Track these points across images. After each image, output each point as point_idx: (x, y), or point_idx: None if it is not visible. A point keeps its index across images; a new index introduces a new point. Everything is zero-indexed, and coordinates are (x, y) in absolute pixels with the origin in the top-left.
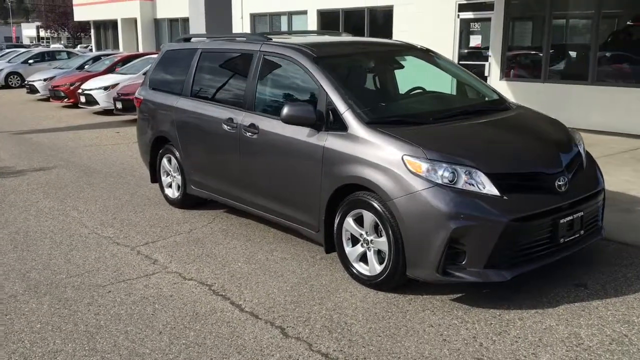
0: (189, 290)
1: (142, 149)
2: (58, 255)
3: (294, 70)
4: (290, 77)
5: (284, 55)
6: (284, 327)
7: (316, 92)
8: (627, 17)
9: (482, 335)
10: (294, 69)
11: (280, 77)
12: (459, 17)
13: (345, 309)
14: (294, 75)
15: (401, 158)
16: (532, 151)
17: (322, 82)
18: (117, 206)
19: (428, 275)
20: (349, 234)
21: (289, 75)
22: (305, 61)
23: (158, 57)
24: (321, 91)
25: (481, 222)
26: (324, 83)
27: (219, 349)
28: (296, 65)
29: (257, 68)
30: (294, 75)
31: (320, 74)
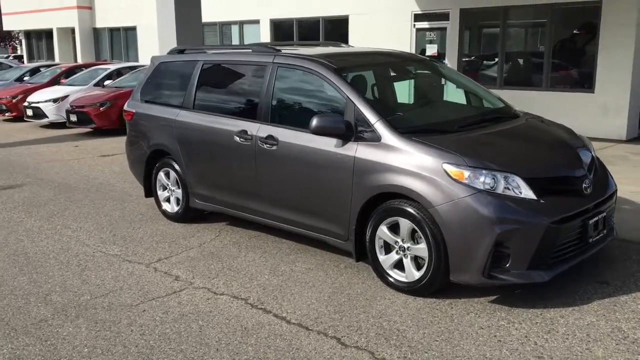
0: (226, 305)
1: (134, 163)
2: (71, 276)
3: (314, 82)
4: (310, 88)
5: (302, 66)
6: (339, 337)
7: (340, 103)
8: (574, 25)
9: (533, 334)
10: (313, 80)
11: (299, 89)
12: (415, 26)
13: (391, 316)
14: (313, 86)
15: (441, 166)
16: (558, 156)
17: (349, 93)
18: (111, 223)
19: (473, 279)
20: (382, 241)
21: (308, 86)
22: (327, 73)
23: (149, 69)
24: (348, 102)
25: (524, 225)
26: (351, 94)
27: None
28: (316, 76)
29: (271, 80)
30: (314, 87)
31: (346, 85)
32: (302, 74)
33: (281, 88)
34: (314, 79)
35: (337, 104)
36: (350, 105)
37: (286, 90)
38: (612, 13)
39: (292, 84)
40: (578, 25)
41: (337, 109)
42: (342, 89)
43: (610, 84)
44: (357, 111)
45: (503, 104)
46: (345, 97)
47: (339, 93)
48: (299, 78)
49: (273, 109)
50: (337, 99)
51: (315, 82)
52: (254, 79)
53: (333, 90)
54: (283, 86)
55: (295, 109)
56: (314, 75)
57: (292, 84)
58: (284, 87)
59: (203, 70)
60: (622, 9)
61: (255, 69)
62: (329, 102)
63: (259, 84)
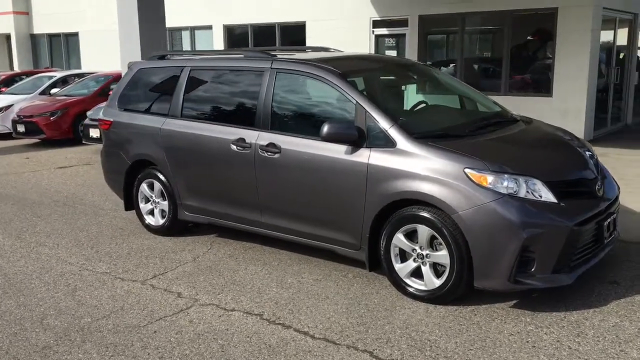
0: (241, 321)
1: (112, 174)
2: (63, 297)
3: (317, 87)
4: (313, 94)
5: (305, 72)
6: (370, 351)
7: (348, 108)
8: (531, 32)
9: (564, 338)
10: (316, 86)
11: (301, 95)
12: (374, 33)
13: (417, 326)
14: (316, 92)
15: (463, 171)
16: (570, 159)
17: (358, 98)
18: (90, 238)
19: (499, 284)
20: (397, 250)
21: (311, 92)
22: (332, 78)
23: (127, 76)
24: (358, 108)
25: (549, 229)
26: (361, 100)
27: None
28: (321, 82)
29: (270, 86)
30: (317, 92)
31: (354, 91)
32: (304, 80)
33: (281, 94)
34: (317, 84)
35: (345, 109)
36: (360, 110)
37: (287, 97)
38: (568, 20)
39: (294, 90)
40: (535, 32)
41: (345, 114)
42: (351, 95)
43: (568, 88)
44: (368, 117)
45: (499, 107)
46: (354, 102)
47: (347, 99)
48: (300, 84)
49: (273, 116)
50: (344, 105)
51: (319, 87)
52: (250, 85)
53: (340, 95)
54: (283, 92)
55: (299, 116)
56: (318, 80)
57: (294, 90)
58: (285, 93)
59: (191, 76)
60: (576, 16)
61: (250, 75)
62: (336, 108)
63: (256, 90)
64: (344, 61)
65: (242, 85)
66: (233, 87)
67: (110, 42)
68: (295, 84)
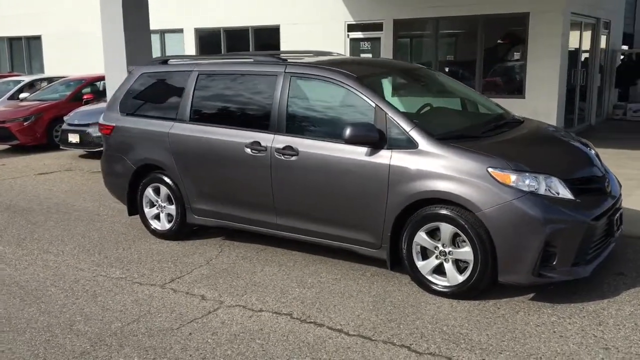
0: (273, 321)
1: (113, 180)
2: (85, 303)
3: (333, 91)
4: (328, 97)
5: (321, 76)
6: (407, 345)
7: (366, 111)
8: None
9: (588, 327)
10: (332, 89)
11: (316, 98)
12: (348, 36)
13: (447, 320)
14: (332, 95)
15: (486, 170)
16: (579, 157)
17: (377, 101)
18: (94, 244)
19: (523, 278)
20: (419, 247)
21: (327, 95)
22: (350, 81)
23: (128, 80)
24: (378, 110)
25: (569, 224)
26: (380, 102)
27: None
28: (337, 85)
29: (284, 90)
30: (333, 96)
31: (373, 94)
32: (319, 84)
33: (297, 98)
34: (333, 87)
35: (362, 112)
36: (380, 113)
37: (303, 100)
38: (539, 24)
39: (309, 94)
40: (507, 35)
41: (363, 117)
42: (370, 98)
43: (540, 90)
44: (388, 119)
45: (501, 109)
46: (373, 105)
47: (366, 101)
48: (315, 87)
49: (289, 119)
50: (362, 107)
51: (334, 91)
52: (263, 89)
53: (357, 98)
54: (299, 96)
55: (315, 119)
56: (334, 84)
57: (309, 94)
58: (300, 97)
59: (199, 80)
60: (547, 20)
61: (263, 79)
62: (353, 111)
63: (269, 94)
64: (355, 65)
65: (255, 89)
66: (245, 91)
67: (76, 45)
68: (310, 87)
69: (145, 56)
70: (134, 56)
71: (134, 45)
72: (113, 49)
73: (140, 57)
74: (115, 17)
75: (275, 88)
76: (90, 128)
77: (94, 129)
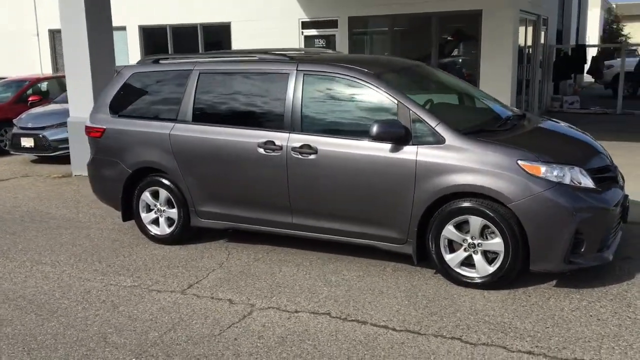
0: (313, 321)
1: (106, 185)
2: (108, 313)
3: (349, 88)
4: (345, 95)
5: (335, 73)
6: (458, 337)
7: (388, 107)
8: (457, 33)
9: (619, 309)
10: (348, 87)
11: (332, 96)
12: (303, 34)
13: (486, 311)
14: (349, 92)
15: (516, 163)
16: (590, 148)
17: (400, 98)
18: (90, 253)
19: (555, 266)
20: (446, 241)
21: (343, 93)
22: (368, 78)
23: (117, 81)
24: (401, 107)
25: (595, 212)
26: (402, 99)
27: None
28: (354, 82)
29: (298, 88)
30: (350, 93)
31: (395, 91)
32: (333, 81)
33: (311, 96)
34: (349, 85)
35: (383, 109)
36: (403, 109)
37: (318, 98)
38: (491, 23)
39: (324, 92)
40: (461, 32)
41: (384, 114)
42: (391, 94)
43: (493, 85)
44: (413, 115)
45: (502, 103)
46: (395, 102)
47: (387, 98)
48: (330, 85)
49: (305, 118)
50: (382, 104)
51: (350, 88)
52: (273, 88)
53: (377, 95)
54: (313, 94)
55: (333, 117)
56: (351, 81)
57: (324, 92)
58: (315, 95)
59: (201, 80)
60: (499, 17)
61: (273, 78)
62: (373, 108)
63: (281, 92)
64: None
65: (264, 88)
66: (253, 90)
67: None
68: (324, 85)
69: (108, 57)
70: (97, 54)
71: (97, 42)
72: (75, 49)
73: (104, 58)
74: (76, 17)
75: (287, 86)
76: (46, 131)
77: (50, 132)
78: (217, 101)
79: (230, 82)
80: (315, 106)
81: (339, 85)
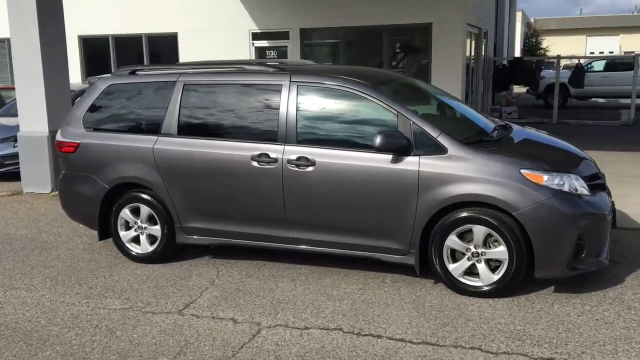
0: (327, 338)
1: (80, 202)
2: (107, 340)
3: (345, 99)
4: (341, 106)
5: (331, 84)
6: (478, 347)
7: (387, 118)
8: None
9: (622, 312)
10: (344, 98)
11: (328, 108)
12: (253, 45)
13: (496, 319)
14: (345, 104)
15: (519, 172)
16: (579, 156)
17: (399, 109)
18: (66, 275)
19: (558, 272)
20: (449, 250)
21: (339, 105)
22: (366, 90)
23: (92, 93)
24: (401, 118)
25: (594, 218)
26: (402, 110)
27: None
28: (350, 93)
29: (292, 100)
30: (346, 105)
31: (392, 101)
32: (328, 93)
33: (306, 108)
34: (345, 96)
35: (382, 119)
36: (404, 120)
37: (313, 110)
38: (441, 35)
39: (320, 103)
40: (412, 44)
41: (382, 124)
42: (390, 105)
43: None
44: (414, 126)
45: (480, 114)
46: (395, 113)
47: (386, 109)
48: (326, 97)
49: (300, 130)
50: (381, 115)
51: (347, 99)
52: (265, 99)
53: (375, 106)
54: (308, 106)
55: (330, 128)
56: (348, 92)
57: (320, 103)
58: (310, 106)
59: (186, 92)
60: (449, 30)
61: (264, 90)
62: (371, 119)
63: (274, 104)
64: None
65: (255, 100)
66: (242, 102)
67: None
68: (319, 96)
69: (62, 68)
70: (51, 63)
71: (50, 56)
72: (26, 60)
73: (58, 69)
74: (28, 26)
75: (280, 98)
76: None
77: None
78: (205, 113)
79: (218, 94)
80: (310, 118)
81: (334, 97)
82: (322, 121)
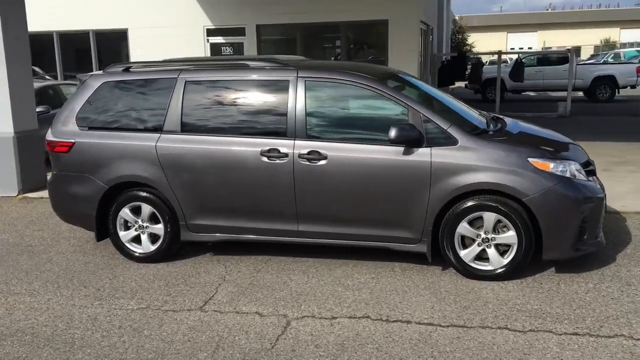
0: (357, 326)
1: (75, 203)
2: (137, 340)
3: (353, 93)
4: (349, 100)
5: (339, 79)
6: (504, 327)
7: (397, 111)
8: (366, 40)
9: (623, 288)
10: (351, 92)
11: (337, 102)
12: (208, 41)
13: (513, 300)
14: (353, 98)
15: (526, 160)
16: (571, 145)
17: (409, 102)
18: (68, 278)
19: (565, 254)
20: (459, 237)
21: (347, 98)
22: (374, 83)
23: (85, 91)
24: (411, 110)
25: (595, 202)
26: (411, 103)
27: (511, 355)
28: (358, 87)
29: (301, 95)
30: (354, 98)
31: (401, 95)
32: (336, 87)
33: (315, 103)
34: (353, 90)
35: (391, 112)
36: (414, 113)
37: (322, 105)
38: (397, 30)
39: (328, 98)
40: (370, 40)
41: (392, 117)
42: (400, 99)
43: None
44: (424, 118)
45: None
46: (404, 106)
47: (395, 102)
48: (334, 91)
49: (309, 125)
50: (390, 108)
51: (354, 93)
52: (272, 95)
53: (384, 100)
54: (317, 101)
55: (339, 122)
56: (355, 86)
57: (328, 98)
58: (318, 101)
59: (188, 89)
60: (404, 26)
61: (270, 86)
62: (380, 112)
63: (282, 100)
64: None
65: (261, 96)
66: (248, 98)
67: None
68: (327, 91)
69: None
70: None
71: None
72: None
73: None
74: None
75: (288, 94)
76: None
77: None
78: (209, 110)
79: (222, 90)
80: (319, 112)
81: (342, 91)
82: (330, 116)
